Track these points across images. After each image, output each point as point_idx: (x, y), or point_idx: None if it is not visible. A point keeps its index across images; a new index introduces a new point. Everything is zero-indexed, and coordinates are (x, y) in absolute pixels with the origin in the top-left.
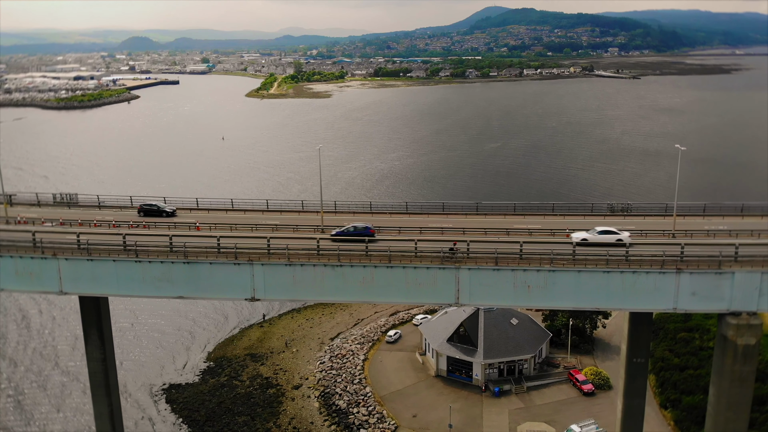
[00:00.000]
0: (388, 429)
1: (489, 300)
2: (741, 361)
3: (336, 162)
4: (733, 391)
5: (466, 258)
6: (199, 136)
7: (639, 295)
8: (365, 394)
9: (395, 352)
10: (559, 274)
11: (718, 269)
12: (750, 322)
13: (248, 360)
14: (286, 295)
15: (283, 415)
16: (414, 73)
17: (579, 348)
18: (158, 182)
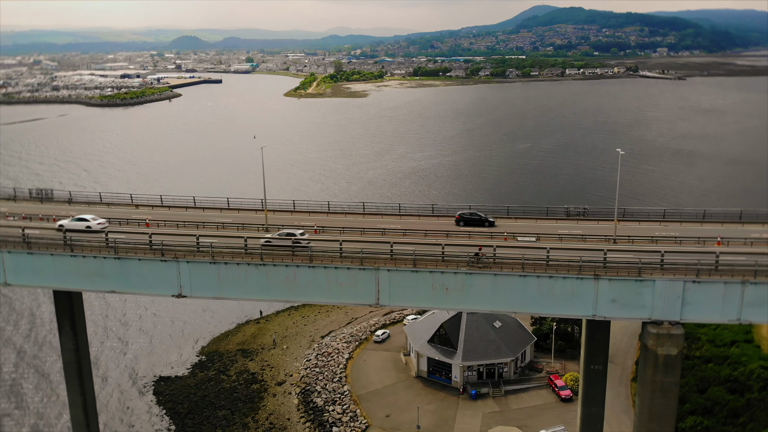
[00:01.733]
0: (359, 428)
1: (408, 302)
2: (662, 372)
3: (362, 161)
4: (655, 402)
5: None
6: (230, 135)
7: (557, 300)
8: (343, 393)
9: (381, 352)
10: (475, 276)
11: (638, 276)
12: (671, 331)
13: (239, 355)
14: (211, 292)
15: (262, 410)
16: (453, 72)
17: (565, 353)
18: (169, 180)
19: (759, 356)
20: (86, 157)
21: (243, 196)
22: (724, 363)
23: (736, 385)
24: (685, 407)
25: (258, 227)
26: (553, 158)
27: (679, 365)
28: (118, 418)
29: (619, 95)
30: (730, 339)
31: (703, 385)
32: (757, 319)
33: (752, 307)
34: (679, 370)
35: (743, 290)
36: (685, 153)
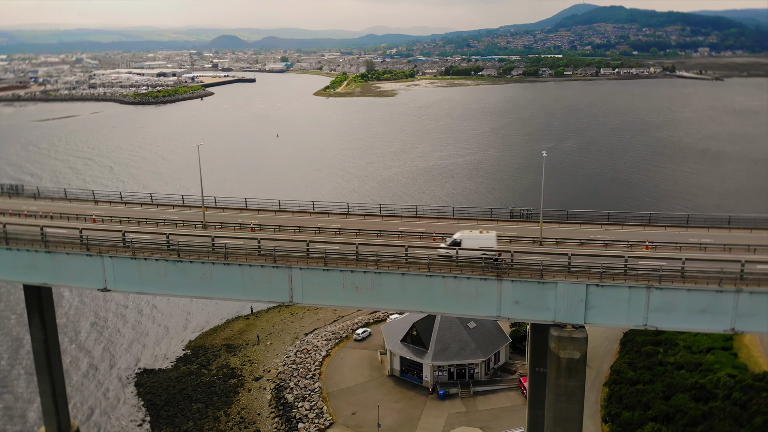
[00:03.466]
0: (323, 425)
1: (321, 300)
2: (566, 376)
3: (379, 159)
4: (560, 406)
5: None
6: (255, 133)
7: (462, 300)
8: (313, 390)
9: (359, 350)
10: (384, 275)
11: (541, 279)
12: (573, 335)
13: (223, 350)
14: (133, 287)
15: (235, 405)
16: (485, 71)
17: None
18: (167, 179)
19: (732, 364)
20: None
21: (233, 195)
22: (696, 370)
23: (701, 392)
24: (648, 413)
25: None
26: (574, 158)
27: (583, 369)
28: (96, 407)
29: (652, 95)
30: (708, 345)
31: (670, 391)
32: (663, 324)
33: (658, 313)
34: (584, 374)
35: (648, 295)
36: (710, 154)
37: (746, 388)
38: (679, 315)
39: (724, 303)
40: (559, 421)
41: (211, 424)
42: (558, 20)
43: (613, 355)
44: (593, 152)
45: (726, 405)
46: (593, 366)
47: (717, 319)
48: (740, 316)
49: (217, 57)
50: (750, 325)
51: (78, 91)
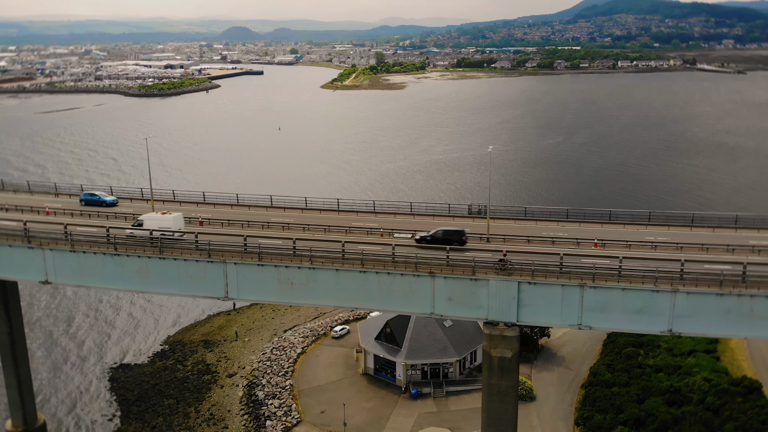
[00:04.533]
0: (290, 423)
1: (256, 296)
2: (498, 375)
3: (380, 153)
4: (493, 406)
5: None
6: (257, 126)
7: (396, 297)
8: (284, 387)
9: (336, 348)
10: (319, 271)
11: (473, 276)
12: (504, 333)
13: (200, 346)
14: (73, 280)
15: (206, 401)
16: (498, 63)
17: (520, 356)
18: (162, 173)
19: (712, 367)
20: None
21: (213, 189)
22: (675, 373)
23: (675, 396)
24: (620, 417)
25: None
26: (582, 153)
27: (515, 369)
28: (65, 402)
29: (669, 89)
30: (690, 348)
31: (644, 395)
32: (598, 324)
33: (593, 312)
34: (516, 374)
35: (582, 294)
36: (725, 149)
37: (721, 392)
38: (614, 315)
39: (660, 303)
40: (493, 422)
41: (181, 420)
42: (577, 11)
43: (595, 357)
44: (603, 147)
45: (698, 410)
46: (572, 367)
47: (653, 320)
48: (677, 317)
49: (226, 49)
50: (688, 326)
51: (84, 83)
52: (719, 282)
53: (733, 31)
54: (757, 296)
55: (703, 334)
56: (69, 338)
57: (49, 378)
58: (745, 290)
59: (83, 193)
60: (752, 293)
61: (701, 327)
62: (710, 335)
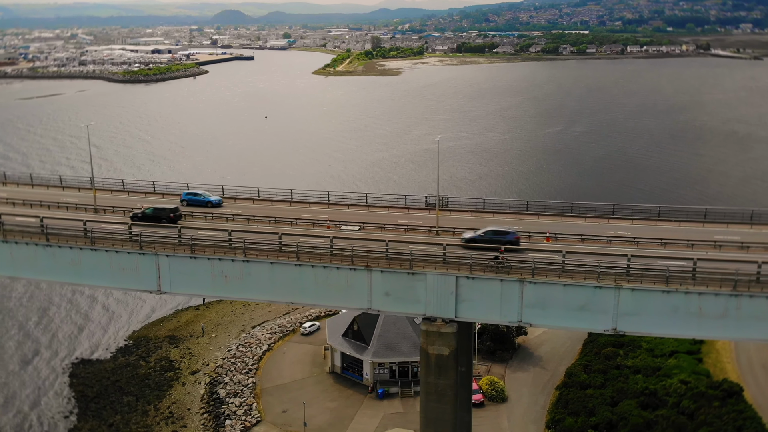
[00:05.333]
0: (249, 422)
1: (190, 289)
2: (435, 373)
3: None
4: (430, 406)
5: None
6: (243, 113)
7: (333, 291)
8: (247, 385)
9: (304, 345)
10: (253, 264)
11: (410, 270)
12: (441, 329)
13: (165, 342)
14: (6, 271)
15: (167, 399)
16: (501, 48)
17: (495, 355)
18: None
19: (693, 369)
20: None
21: (188, 180)
22: (654, 375)
23: (650, 399)
24: (591, 420)
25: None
26: (581, 142)
27: (453, 367)
28: (20, 397)
29: (680, 75)
30: (672, 349)
31: (619, 397)
32: (538, 321)
33: (533, 309)
34: (454, 373)
35: (522, 289)
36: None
37: (697, 396)
38: (555, 312)
39: (603, 300)
40: (430, 422)
41: (139, 418)
42: None
43: (574, 356)
44: (605, 135)
45: (672, 414)
46: (549, 368)
47: (597, 318)
48: (622, 315)
49: (217, 33)
50: (633, 325)
51: (67, 69)
52: (665, 279)
53: (751, 15)
54: (705, 294)
55: (648, 334)
56: (30, 333)
57: (3, 374)
58: (693, 288)
59: (184, 193)
60: (700, 291)
61: (647, 326)
62: (657, 335)
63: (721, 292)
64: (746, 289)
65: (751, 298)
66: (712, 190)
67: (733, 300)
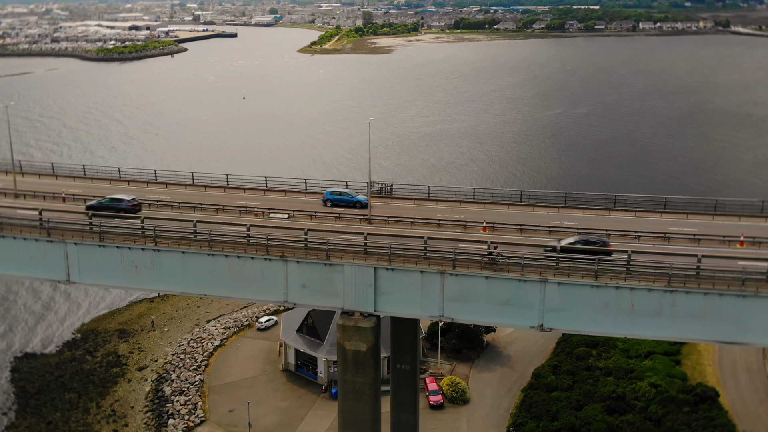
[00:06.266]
0: (193, 422)
1: (100, 280)
2: (353, 371)
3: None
4: (348, 405)
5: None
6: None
7: (248, 283)
8: (194, 383)
9: (259, 341)
10: (165, 254)
11: (327, 260)
12: (358, 324)
13: (115, 336)
14: None
15: (110, 396)
16: (502, 24)
17: (460, 353)
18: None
19: (668, 372)
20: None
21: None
22: (626, 377)
23: (618, 403)
24: (553, 424)
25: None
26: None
27: (371, 364)
28: None
29: (695, 54)
30: (648, 350)
31: (585, 400)
32: (461, 316)
33: (455, 303)
34: (372, 370)
35: (443, 282)
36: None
37: (666, 400)
38: (479, 306)
39: (528, 295)
40: (348, 423)
41: (80, 416)
42: None
43: (546, 356)
44: (608, 118)
45: (638, 419)
46: (517, 368)
47: (522, 313)
48: (549, 310)
49: (201, 9)
50: (561, 321)
51: (39, 46)
52: (594, 272)
53: None
54: (637, 289)
55: (577, 331)
56: None
57: None
58: (624, 282)
59: (328, 192)
60: (633, 286)
61: (576, 323)
62: (587, 332)
63: (654, 287)
64: (682, 284)
65: (687, 294)
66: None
67: (668, 296)
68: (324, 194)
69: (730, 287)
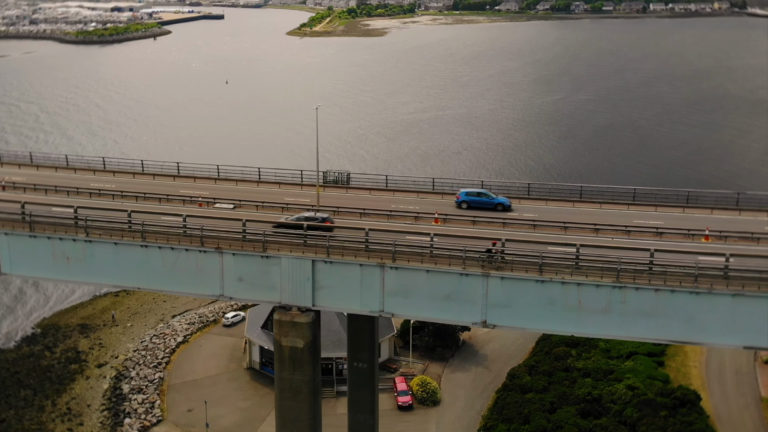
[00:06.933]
0: (149, 421)
1: (32, 271)
2: (290, 368)
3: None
4: (285, 404)
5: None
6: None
7: (182, 276)
8: (153, 381)
9: (224, 337)
10: (97, 245)
11: (263, 252)
12: (295, 319)
13: (76, 331)
14: None
15: (67, 394)
16: (504, 6)
17: (434, 352)
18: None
19: (650, 374)
20: None
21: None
22: (605, 378)
23: (592, 406)
24: (524, 428)
25: None
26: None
27: (309, 361)
28: None
29: (708, 37)
30: (630, 350)
31: (560, 403)
32: (402, 311)
33: (395, 297)
34: (311, 368)
35: (383, 275)
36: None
37: (643, 404)
38: (420, 301)
39: (471, 289)
40: (286, 423)
41: (34, 414)
42: None
43: (524, 356)
44: (611, 104)
45: (611, 423)
46: (493, 368)
47: (464, 309)
48: (492, 306)
49: None
50: (505, 318)
51: (16, 28)
52: (539, 267)
53: None
54: (585, 285)
55: (522, 328)
56: None
57: None
58: (571, 278)
59: (463, 192)
60: (580, 281)
61: (521, 319)
62: (532, 329)
63: (602, 283)
64: (631, 280)
65: (638, 291)
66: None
67: (616, 292)
68: (458, 195)
69: (682, 284)
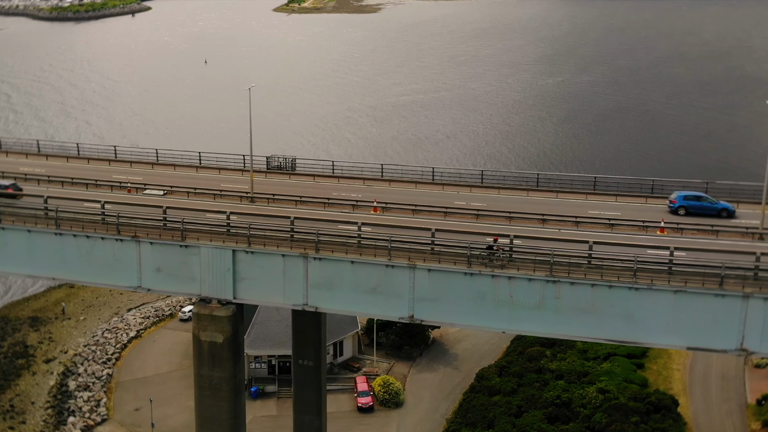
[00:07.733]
0: (93, 420)
1: None
2: (209, 364)
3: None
4: (205, 402)
5: None
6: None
7: (98, 266)
8: (101, 378)
9: (180, 332)
10: (9, 232)
11: (182, 241)
12: (214, 312)
13: (26, 324)
14: None
15: (11, 390)
16: None
17: (401, 351)
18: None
19: (627, 377)
20: None
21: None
22: (578, 381)
23: (560, 410)
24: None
25: None
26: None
27: (229, 357)
28: None
29: (729, 15)
30: (608, 351)
31: (527, 407)
32: (326, 305)
33: (320, 290)
34: (231, 364)
35: (306, 267)
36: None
37: (613, 408)
38: (345, 294)
39: (397, 282)
40: (206, 422)
41: None
42: None
43: (497, 355)
44: (616, 86)
45: (580, 428)
46: (463, 369)
47: (391, 303)
48: (419, 300)
49: None
50: (432, 313)
51: None
52: (467, 258)
53: None
54: (516, 279)
55: (451, 324)
56: None
57: None
58: (501, 271)
59: (680, 195)
60: (510, 275)
61: (449, 315)
62: (461, 326)
63: (535, 276)
64: (566, 274)
65: (573, 286)
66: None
67: (550, 287)
68: (674, 199)
69: (620, 279)
